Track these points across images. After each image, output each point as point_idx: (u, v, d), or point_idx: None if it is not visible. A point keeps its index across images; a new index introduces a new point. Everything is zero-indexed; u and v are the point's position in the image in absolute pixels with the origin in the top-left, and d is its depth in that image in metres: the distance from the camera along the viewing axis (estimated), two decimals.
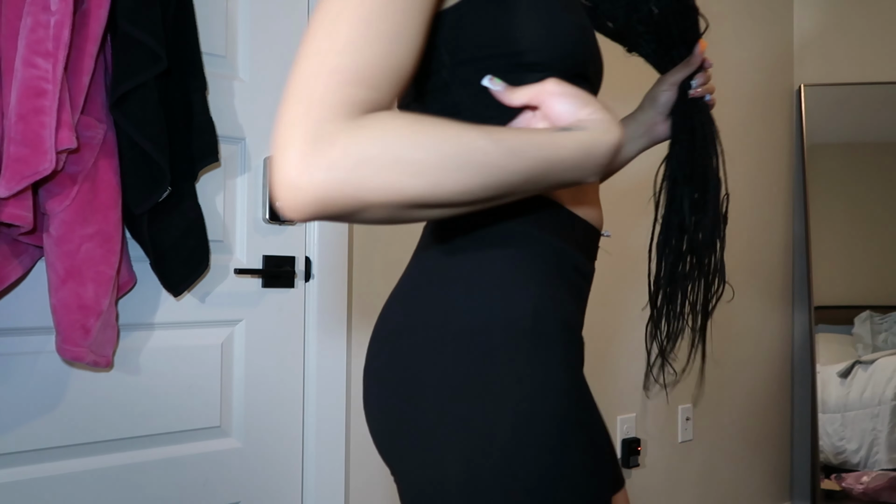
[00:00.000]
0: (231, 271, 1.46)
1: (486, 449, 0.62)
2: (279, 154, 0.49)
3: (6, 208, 1.07)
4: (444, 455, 0.63)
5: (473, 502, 0.61)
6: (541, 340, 0.65)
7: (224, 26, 1.48)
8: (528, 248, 0.69)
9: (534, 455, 0.61)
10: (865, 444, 2.77)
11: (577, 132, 0.57)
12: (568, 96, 0.58)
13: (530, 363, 0.64)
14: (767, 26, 2.95)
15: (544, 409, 0.63)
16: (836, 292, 2.92)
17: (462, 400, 0.63)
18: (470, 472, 0.62)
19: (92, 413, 1.30)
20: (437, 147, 0.51)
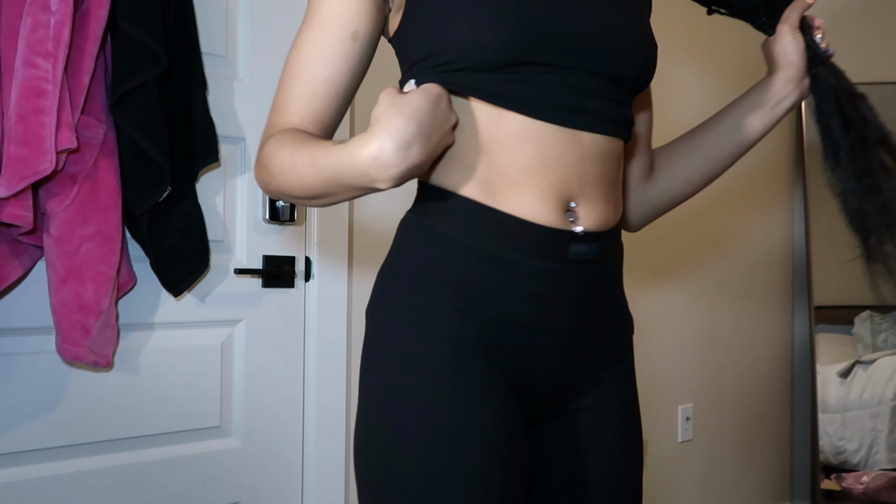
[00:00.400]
0: (231, 271, 1.46)
1: (362, 406, 0.78)
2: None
3: (6, 208, 1.07)
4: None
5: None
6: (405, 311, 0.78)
7: (224, 26, 1.47)
8: (416, 233, 0.79)
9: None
10: (865, 444, 2.77)
11: (339, 146, 0.67)
12: (378, 107, 0.66)
13: (384, 342, 0.78)
14: None
15: (382, 381, 0.77)
16: (836, 292, 2.92)
17: (368, 370, 0.79)
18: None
19: (92, 413, 1.30)
20: (280, 161, 0.72)
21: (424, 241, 0.78)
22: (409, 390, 0.74)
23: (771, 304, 2.92)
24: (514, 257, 0.75)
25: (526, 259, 0.75)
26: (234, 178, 1.48)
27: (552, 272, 0.76)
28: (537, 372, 0.79)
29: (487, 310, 0.75)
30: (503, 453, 0.74)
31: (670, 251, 2.49)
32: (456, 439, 0.72)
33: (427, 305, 0.76)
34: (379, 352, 0.78)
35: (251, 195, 1.50)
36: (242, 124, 1.48)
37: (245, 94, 1.49)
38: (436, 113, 0.68)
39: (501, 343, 0.76)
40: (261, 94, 1.51)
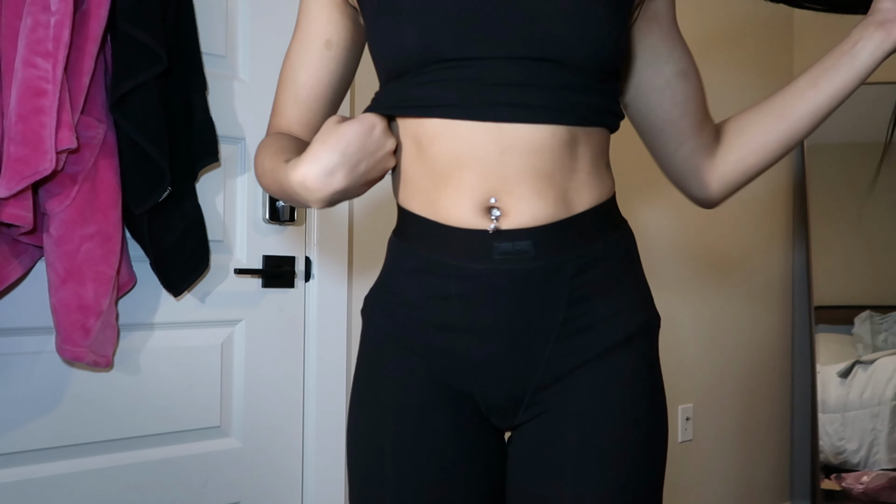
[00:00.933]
0: (231, 271, 1.46)
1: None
2: None
3: (6, 208, 1.07)
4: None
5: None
6: (364, 321, 0.87)
7: (224, 26, 1.48)
8: (389, 251, 0.87)
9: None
10: (865, 444, 2.77)
11: (285, 165, 0.75)
12: (316, 134, 0.74)
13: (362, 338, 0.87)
14: (767, 26, 2.95)
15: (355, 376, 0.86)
16: (836, 292, 2.92)
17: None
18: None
19: (92, 413, 1.30)
20: (259, 164, 0.83)
21: (391, 255, 0.86)
22: (353, 392, 0.86)
23: (771, 304, 2.92)
24: (443, 261, 0.77)
25: (452, 262, 0.77)
26: (234, 178, 1.48)
27: (476, 272, 0.76)
28: (482, 377, 0.79)
29: (424, 313, 0.79)
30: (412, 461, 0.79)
31: (670, 251, 2.49)
32: (371, 442, 0.82)
33: (377, 312, 0.85)
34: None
35: (251, 195, 1.50)
36: (242, 124, 1.48)
37: (245, 94, 1.49)
38: (366, 142, 0.73)
39: (443, 348, 0.79)
40: (261, 94, 1.51)
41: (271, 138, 0.85)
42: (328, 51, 0.87)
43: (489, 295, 0.76)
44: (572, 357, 0.78)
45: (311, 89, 0.88)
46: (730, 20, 2.78)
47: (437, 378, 0.80)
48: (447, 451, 0.79)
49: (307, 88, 0.88)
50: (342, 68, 0.89)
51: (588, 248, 0.78)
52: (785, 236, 2.99)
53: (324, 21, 0.86)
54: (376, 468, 0.81)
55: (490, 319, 0.77)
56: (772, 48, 2.97)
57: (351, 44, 0.88)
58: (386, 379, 0.82)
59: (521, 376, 0.78)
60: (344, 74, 0.89)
